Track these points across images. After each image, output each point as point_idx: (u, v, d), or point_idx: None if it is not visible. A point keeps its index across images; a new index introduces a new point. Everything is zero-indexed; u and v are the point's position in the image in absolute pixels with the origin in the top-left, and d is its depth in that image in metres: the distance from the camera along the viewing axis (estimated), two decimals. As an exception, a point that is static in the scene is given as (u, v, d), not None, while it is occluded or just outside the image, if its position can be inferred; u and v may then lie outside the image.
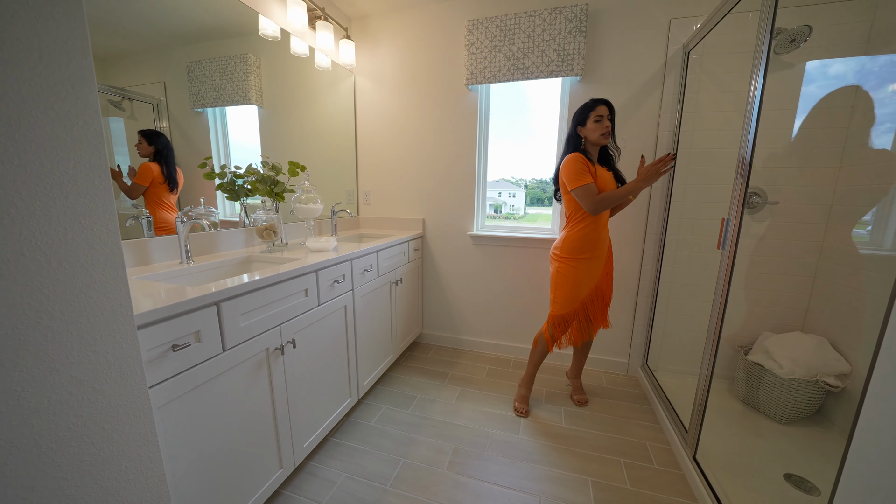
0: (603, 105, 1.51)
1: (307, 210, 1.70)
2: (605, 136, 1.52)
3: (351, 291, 1.58)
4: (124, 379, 0.63)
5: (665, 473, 1.41)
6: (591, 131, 1.52)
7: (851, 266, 1.66)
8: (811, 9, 1.62)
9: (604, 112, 1.50)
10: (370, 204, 2.55)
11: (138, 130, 1.28)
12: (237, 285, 0.98)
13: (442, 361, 2.31)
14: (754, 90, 1.15)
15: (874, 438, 0.65)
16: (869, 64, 1.63)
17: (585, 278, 1.62)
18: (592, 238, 1.58)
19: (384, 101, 2.35)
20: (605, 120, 1.50)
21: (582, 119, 1.55)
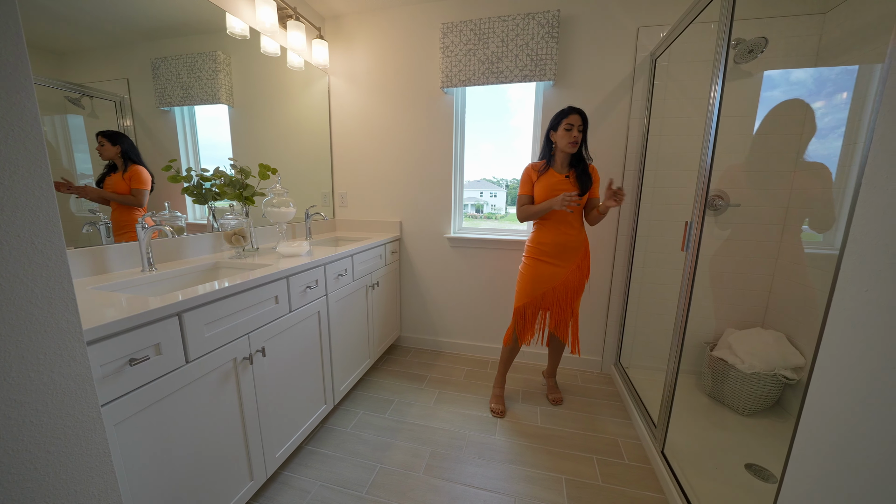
0: (576, 114, 1.55)
1: (279, 214, 1.66)
2: (573, 145, 1.57)
3: (325, 297, 1.56)
4: (72, 398, 0.60)
5: (635, 468, 1.46)
6: (560, 138, 1.59)
7: (804, 265, 1.76)
8: (767, 21, 1.72)
9: (575, 121, 1.54)
10: (346, 206, 2.52)
11: (97, 132, 1.21)
12: (201, 294, 0.95)
13: (420, 364, 2.31)
14: (713, 97, 1.20)
15: (819, 425, 0.69)
16: (819, 75, 1.73)
17: (540, 277, 1.69)
18: (545, 241, 1.67)
19: (360, 103, 2.33)
20: (575, 130, 1.55)
21: (555, 124, 1.61)
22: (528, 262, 1.73)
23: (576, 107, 1.58)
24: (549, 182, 1.63)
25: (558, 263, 1.68)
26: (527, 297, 1.72)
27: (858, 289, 0.61)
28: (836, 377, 0.66)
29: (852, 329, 0.63)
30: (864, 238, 0.61)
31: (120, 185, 1.28)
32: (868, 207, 0.60)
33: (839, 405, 0.64)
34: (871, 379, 0.58)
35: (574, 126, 1.55)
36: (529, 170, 1.69)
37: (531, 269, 1.72)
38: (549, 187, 1.62)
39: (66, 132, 1.14)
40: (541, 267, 1.70)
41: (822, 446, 0.68)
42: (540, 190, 1.65)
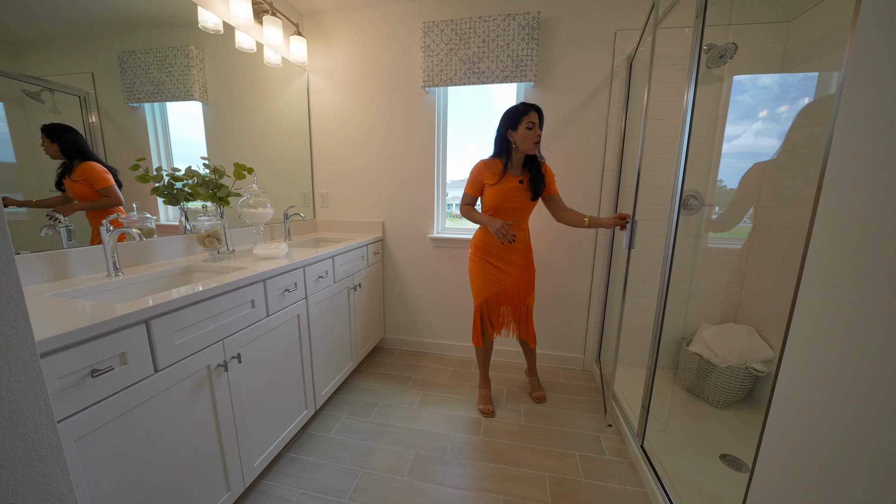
0: (535, 111, 1.49)
1: (255, 215, 1.61)
2: (536, 146, 1.52)
3: (304, 300, 1.52)
4: (23, 414, 0.56)
5: (616, 463, 1.49)
6: (522, 138, 1.51)
7: (772, 262, 1.84)
8: (737, 28, 1.78)
9: (535, 119, 1.49)
10: (327, 207, 2.47)
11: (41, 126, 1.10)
12: (170, 300, 0.90)
13: (404, 365, 2.29)
14: (687, 100, 1.24)
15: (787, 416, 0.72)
16: (783, 80, 1.81)
17: (490, 276, 1.72)
18: (492, 242, 1.68)
19: (340, 101, 2.29)
20: (537, 128, 1.49)
21: (514, 123, 1.52)
22: (477, 260, 1.74)
23: (531, 103, 1.52)
24: (503, 188, 1.58)
25: (505, 267, 1.72)
26: (483, 294, 1.74)
27: (820, 287, 0.64)
28: (801, 369, 0.68)
29: (815, 323, 0.65)
30: (824, 238, 0.63)
31: (79, 190, 1.20)
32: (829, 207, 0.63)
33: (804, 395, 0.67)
34: (830, 370, 0.61)
35: (535, 124, 1.49)
36: (483, 169, 1.61)
37: (481, 267, 1.73)
38: (503, 193, 1.58)
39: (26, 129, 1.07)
40: (488, 268, 1.72)
41: (789, 432, 0.71)
42: (494, 195, 1.59)
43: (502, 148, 1.59)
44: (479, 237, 1.75)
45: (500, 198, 1.60)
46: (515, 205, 1.62)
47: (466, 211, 1.69)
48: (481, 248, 1.73)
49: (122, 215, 1.28)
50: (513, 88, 2.15)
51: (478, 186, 1.64)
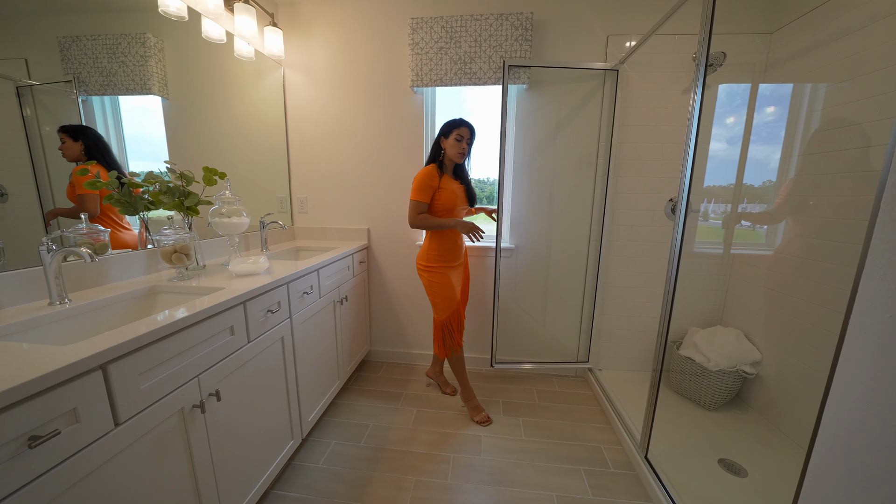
0: (465, 127, 1.61)
1: (229, 225, 1.44)
2: (461, 156, 1.65)
3: (288, 319, 1.37)
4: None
5: (621, 476, 1.46)
6: (450, 147, 1.63)
7: (756, 266, 1.90)
8: (723, 37, 1.81)
9: (465, 133, 1.61)
10: (307, 213, 2.30)
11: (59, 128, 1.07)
12: (135, 337, 0.75)
13: (394, 380, 2.17)
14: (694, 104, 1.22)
15: (835, 450, 0.68)
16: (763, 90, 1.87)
17: (451, 286, 1.73)
18: (451, 247, 1.72)
19: (320, 99, 2.13)
20: (464, 143, 1.62)
21: (446, 132, 1.64)
22: (438, 272, 1.72)
23: (466, 120, 1.62)
24: (453, 189, 1.67)
25: (460, 267, 1.81)
26: (452, 306, 1.74)
27: (880, 308, 0.60)
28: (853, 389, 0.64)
29: (868, 344, 0.62)
30: (882, 256, 0.60)
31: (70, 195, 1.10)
32: (889, 222, 0.59)
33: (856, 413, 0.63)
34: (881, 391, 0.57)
35: (464, 138, 1.61)
36: (432, 174, 1.62)
37: (444, 278, 1.72)
38: (456, 194, 1.67)
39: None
40: (450, 278, 1.73)
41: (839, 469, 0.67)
42: (450, 196, 1.65)
43: (435, 154, 1.69)
44: (435, 247, 1.72)
45: (454, 198, 1.66)
46: (462, 205, 1.72)
47: (424, 219, 1.64)
48: (441, 258, 1.72)
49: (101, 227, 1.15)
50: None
51: (430, 192, 1.63)
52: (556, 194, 2.09)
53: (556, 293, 2.21)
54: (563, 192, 2.09)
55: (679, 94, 1.90)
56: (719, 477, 1.45)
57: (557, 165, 2.06)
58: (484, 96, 2.17)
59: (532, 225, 2.13)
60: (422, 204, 1.63)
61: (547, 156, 2.05)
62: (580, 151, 2.03)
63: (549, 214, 2.11)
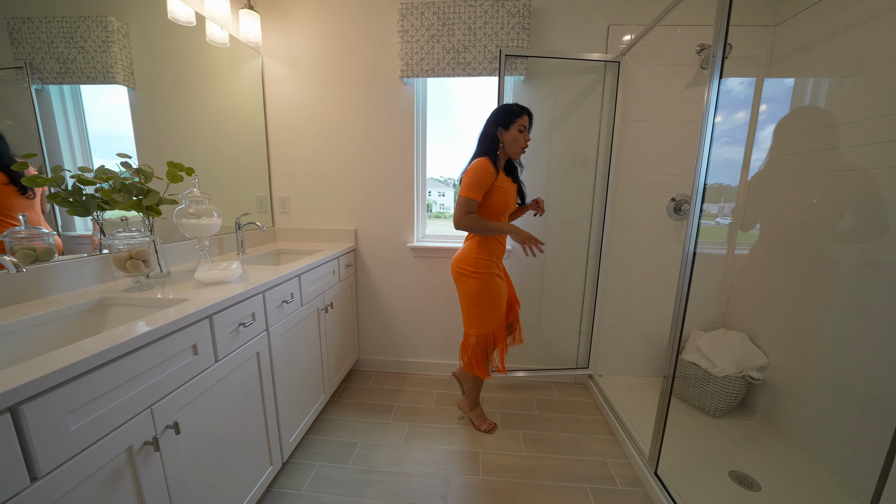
0: (527, 115, 1.41)
1: (198, 227, 1.28)
2: (524, 151, 1.44)
3: (265, 332, 1.23)
4: None
5: (630, 495, 1.36)
6: (512, 140, 1.40)
7: (760, 267, 1.83)
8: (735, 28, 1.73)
9: (527, 123, 1.41)
10: (288, 213, 2.15)
11: None
12: (59, 368, 0.60)
13: (384, 391, 2.04)
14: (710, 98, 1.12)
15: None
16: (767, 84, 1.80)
17: (501, 294, 1.52)
18: (498, 251, 1.52)
19: (302, 91, 1.98)
20: (527, 132, 1.42)
21: (507, 123, 1.40)
22: (489, 277, 1.48)
23: (525, 107, 1.42)
24: (509, 189, 1.46)
25: (503, 271, 1.62)
26: (499, 318, 1.51)
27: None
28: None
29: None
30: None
31: None
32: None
33: None
34: None
35: (526, 128, 1.41)
36: (491, 169, 1.39)
37: (495, 286, 1.49)
38: (508, 194, 1.45)
39: None
40: (500, 284, 1.52)
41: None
42: (505, 196, 1.43)
43: (491, 146, 1.43)
44: (484, 249, 1.48)
45: (508, 199, 1.46)
46: (512, 208, 1.55)
47: (474, 220, 1.39)
48: (490, 262, 1.48)
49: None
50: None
51: (484, 189, 1.39)
52: (554, 193, 1.99)
53: (554, 296, 2.11)
54: (561, 191, 1.99)
55: (682, 88, 1.82)
56: (732, 492, 1.37)
57: (555, 162, 1.96)
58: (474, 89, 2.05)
59: (529, 225, 2.02)
60: (472, 202, 1.38)
61: (544, 153, 1.95)
62: (579, 148, 1.94)
63: (546, 214, 2.01)
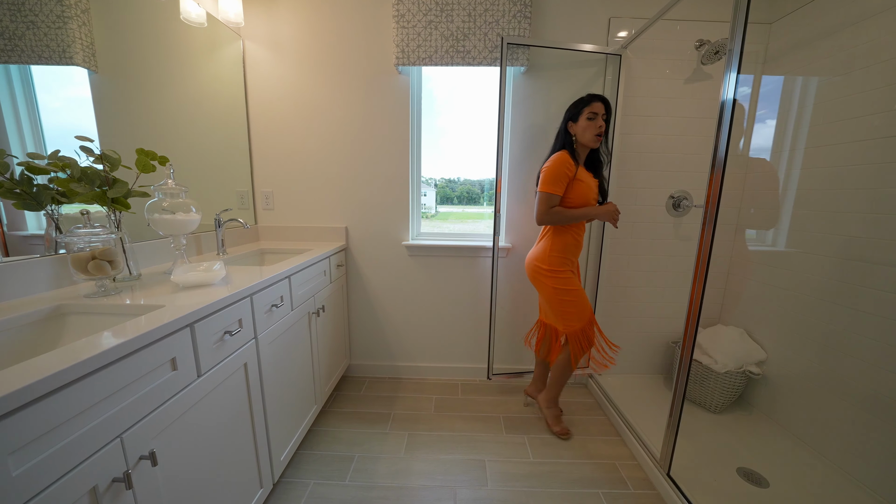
0: (599, 102, 1.37)
1: (173, 223, 1.14)
2: (599, 138, 1.39)
3: (253, 340, 1.10)
4: None
5: (643, 497, 1.32)
6: (582, 130, 1.39)
7: (756, 263, 1.84)
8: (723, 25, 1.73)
9: (598, 109, 1.37)
10: (272, 209, 2.00)
11: None
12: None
13: (379, 399, 1.92)
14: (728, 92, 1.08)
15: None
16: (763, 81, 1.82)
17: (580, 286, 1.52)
18: (574, 250, 1.49)
19: (288, 78, 1.84)
20: (600, 119, 1.36)
21: (574, 114, 1.40)
22: (567, 275, 1.49)
23: (597, 94, 1.40)
24: (590, 183, 1.44)
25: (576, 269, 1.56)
26: (586, 316, 1.51)
27: None
28: None
29: None
30: None
31: None
32: None
33: None
34: None
35: (598, 114, 1.36)
36: (569, 161, 1.38)
37: (575, 282, 1.50)
38: (589, 188, 1.42)
39: None
40: (575, 278, 1.52)
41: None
42: (582, 190, 1.41)
43: (565, 141, 1.45)
44: (560, 246, 1.47)
45: (589, 193, 1.42)
46: (594, 203, 1.47)
47: (557, 213, 1.41)
48: (565, 259, 1.48)
49: None
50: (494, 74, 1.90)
51: (565, 183, 1.39)
52: (554, 189, 1.93)
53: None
54: (561, 187, 1.93)
55: (681, 83, 1.81)
56: (742, 489, 1.34)
57: (555, 157, 1.90)
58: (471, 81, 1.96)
59: (529, 222, 1.96)
60: (554, 196, 1.39)
61: (545, 147, 1.89)
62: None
63: (546, 210, 1.95)
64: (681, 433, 1.58)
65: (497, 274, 1.80)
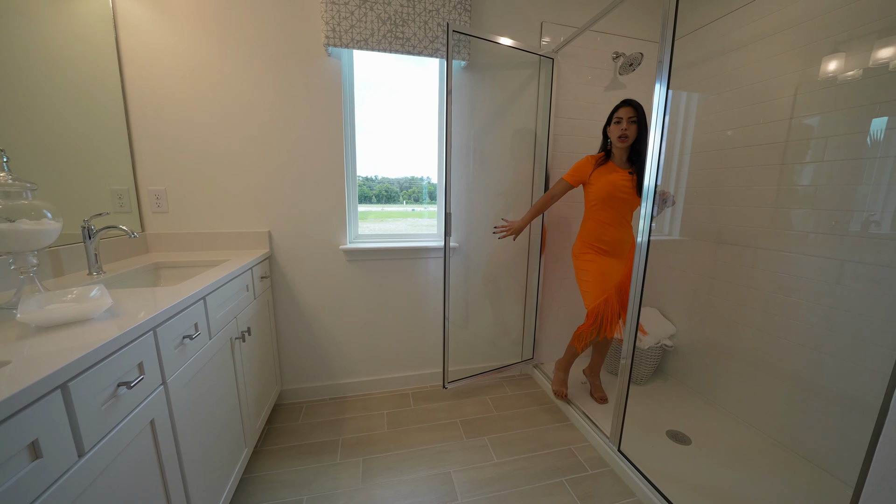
0: (624, 106, 1.52)
1: (16, 235, 0.80)
2: (622, 140, 1.53)
3: (162, 387, 0.83)
4: None
5: (600, 476, 1.40)
6: (611, 132, 1.57)
7: (661, 250, 2.14)
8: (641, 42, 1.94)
9: (623, 114, 1.51)
10: (167, 212, 1.60)
11: None
12: None
13: (322, 425, 1.69)
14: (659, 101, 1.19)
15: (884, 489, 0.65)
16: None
17: (607, 270, 1.64)
18: (602, 229, 1.64)
19: (182, 48, 1.47)
20: (624, 122, 1.51)
21: (609, 121, 1.59)
22: (590, 258, 1.69)
23: (628, 99, 1.52)
24: (610, 177, 1.58)
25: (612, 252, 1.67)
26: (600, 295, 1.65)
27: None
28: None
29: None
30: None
31: None
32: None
33: None
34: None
35: (623, 119, 1.51)
36: (589, 162, 1.63)
37: (594, 265, 1.67)
38: (612, 182, 1.57)
39: None
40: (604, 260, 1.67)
41: None
42: (602, 184, 1.59)
43: (603, 144, 1.66)
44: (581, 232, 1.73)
45: (610, 186, 1.57)
46: (625, 195, 1.58)
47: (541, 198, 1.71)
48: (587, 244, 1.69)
49: None
50: (433, 68, 1.82)
51: (576, 177, 1.64)
52: (496, 187, 1.95)
53: (498, 292, 2.08)
54: (502, 185, 1.96)
55: (602, 90, 1.98)
56: (673, 450, 1.53)
57: (497, 157, 1.91)
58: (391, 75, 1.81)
59: (470, 221, 1.94)
60: (560, 182, 1.67)
61: (486, 145, 1.88)
62: (518, 143, 1.93)
63: (489, 209, 1.96)
64: (617, 406, 1.75)
65: (449, 278, 1.73)
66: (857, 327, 1.29)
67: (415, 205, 2.07)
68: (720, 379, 1.80)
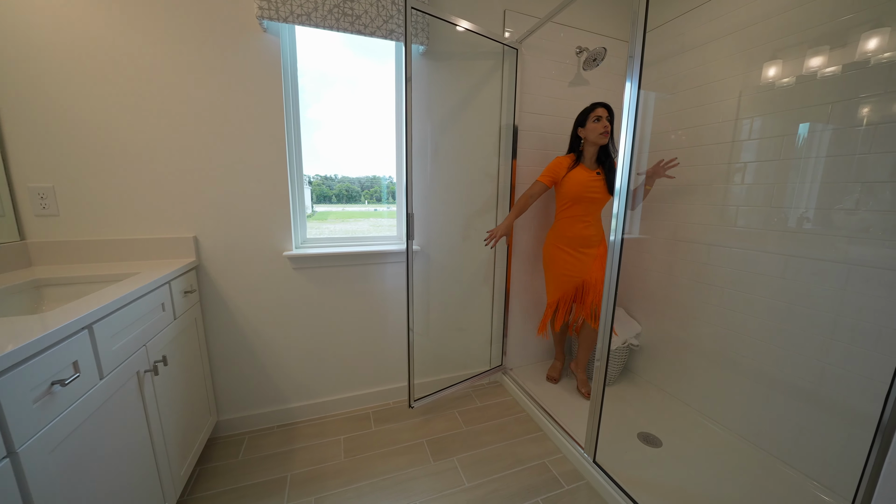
0: (601, 107, 1.57)
1: None
2: (604, 135, 1.57)
3: (6, 460, 0.60)
4: None
5: (577, 490, 1.32)
6: (590, 131, 1.59)
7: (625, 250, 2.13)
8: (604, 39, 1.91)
9: (602, 113, 1.56)
10: (56, 215, 1.28)
11: None
12: None
13: (267, 459, 1.46)
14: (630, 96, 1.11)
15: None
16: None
17: (567, 270, 1.72)
18: (571, 230, 1.70)
19: (74, 14, 1.18)
20: (604, 120, 1.56)
21: (581, 120, 1.63)
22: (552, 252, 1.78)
23: (601, 101, 1.58)
24: (580, 178, 1.63)
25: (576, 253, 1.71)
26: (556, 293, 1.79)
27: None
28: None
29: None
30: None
31: None
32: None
33: None
34: None
35: (602, 117, 1.56)
36: (563, 163, 1.65)
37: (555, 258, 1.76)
38: (583, 183, 1.62)
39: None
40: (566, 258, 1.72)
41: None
42: (575, 185, 1.62)
43: (573, 145, 1.71)
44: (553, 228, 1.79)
45: (580, 187, 1.62)
46: (595, 195, 1.63)
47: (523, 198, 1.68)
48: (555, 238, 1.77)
49: None
50: (389, 56, 1.65)
51: (550, 177, 1.66)
52: (458, 186, 1.82)
53: (464, 297, 1.96)
54: (465, 184, 1.83)
55: (566, 86, 1.92)
56: (645, 454, 1.49)
57: (459, 153, 1.78)
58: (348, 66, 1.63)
59: (435, 221, 1.80)
60: (537, 183, 1.67)
61: (447, 141, 1.74)
62: (482, 138, 1.82)
63: (452, 210, 1.82)
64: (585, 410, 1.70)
65: (412, 287, 1.57)
66: (805, 320, 1.32)
67: (377, 204, 1.90)
68: (685, 376, 1.81)
